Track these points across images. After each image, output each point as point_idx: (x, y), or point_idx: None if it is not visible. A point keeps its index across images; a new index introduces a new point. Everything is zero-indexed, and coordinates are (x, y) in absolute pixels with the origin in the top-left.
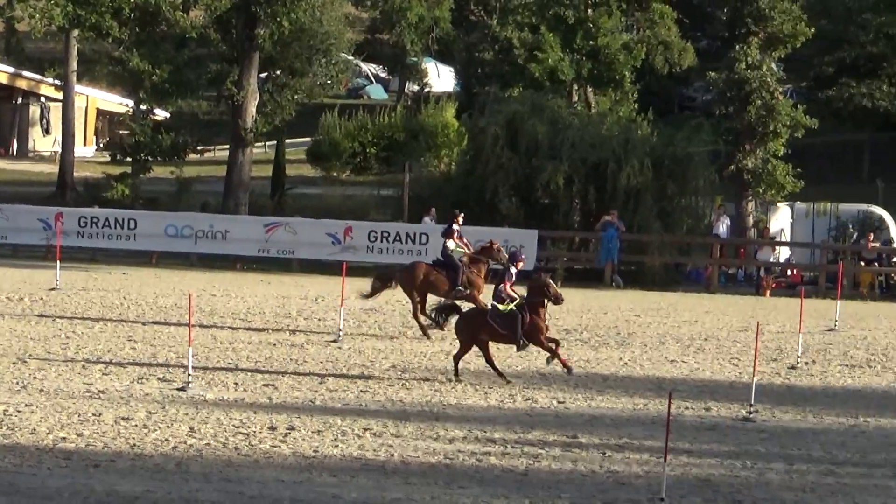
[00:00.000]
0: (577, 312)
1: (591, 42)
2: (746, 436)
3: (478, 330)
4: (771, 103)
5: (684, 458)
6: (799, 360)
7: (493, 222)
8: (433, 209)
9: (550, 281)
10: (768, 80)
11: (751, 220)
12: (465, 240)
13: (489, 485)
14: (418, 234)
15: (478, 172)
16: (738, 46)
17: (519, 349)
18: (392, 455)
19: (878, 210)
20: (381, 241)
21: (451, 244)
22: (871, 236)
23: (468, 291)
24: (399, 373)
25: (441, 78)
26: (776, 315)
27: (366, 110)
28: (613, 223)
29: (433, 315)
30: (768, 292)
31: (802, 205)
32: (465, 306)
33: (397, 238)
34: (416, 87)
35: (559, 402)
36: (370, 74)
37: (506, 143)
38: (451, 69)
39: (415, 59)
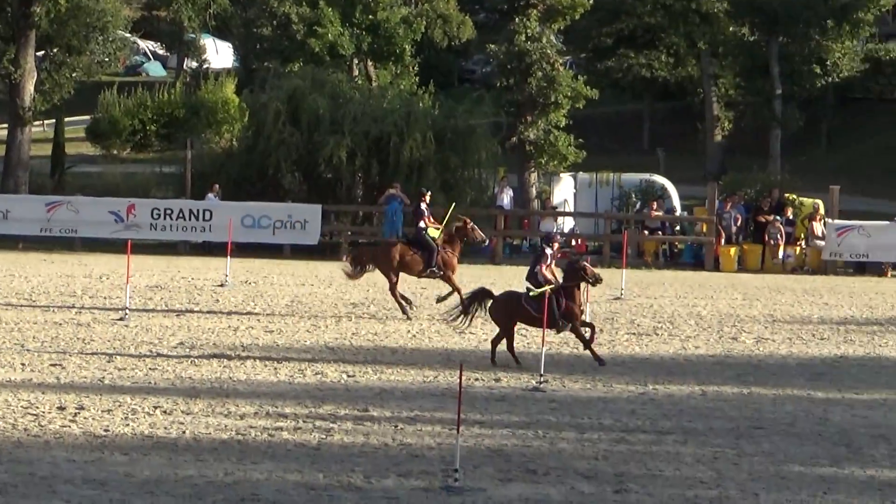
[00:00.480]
0: (363, 286)
1: (370, 16)
2: (537, 406)
3: (513, 313)
4: (551, 75)
5: (476, 429)
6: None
7: (277, 197)
8: (216, 186)
9: (586, 264)
10: (548, 51)
11: (534, 192)
12: (433, 219)
13: (282, 460)
14: (202, 211)
15: (260, 148)
16: (517, 19)
17: (559, 331)
18: (183, 432)
19: (660, 179)
20: (165, 219)
21: (422, 225)
22: (655, 205)
23: (442, 272)
24: (187, 350)
25: (220, 54)
26: None
27: (145, 87)
28: (397, 196)
29: (463, 303)
30: None
31: (585, 175)
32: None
33: (181, 215)
34: (194, 64)
35: (349, 376)
36: (148, 51)
37: (287, 119)
38: (230, 45)
39: (193, 35)
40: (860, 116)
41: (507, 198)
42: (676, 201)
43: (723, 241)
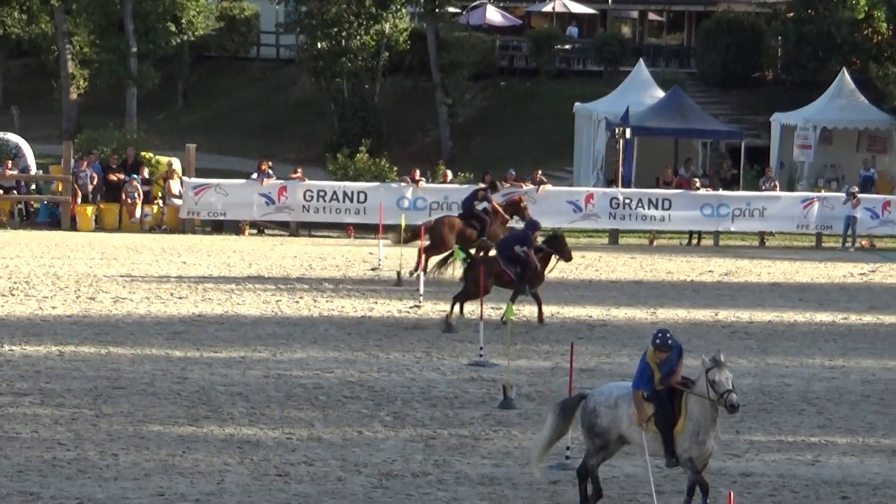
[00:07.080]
0: None
1: None
2: None
3: None
4: None
5: None
6: None
7: None
8: None
9: None
10: None
11: None
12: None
13: None
14: None
15: None
16: None
17: None
18: None
19: (14, 137)
20: None
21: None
22: (9, 164)
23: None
24: None
25: None
26: None
27: None
28: None
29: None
30: None
31: None
32: None
33: None
34: None
35: None
36: None
37: None
38: None
39: None
40: (216, 75)
41: None
42: (31, 160)
43: (79, 200)
